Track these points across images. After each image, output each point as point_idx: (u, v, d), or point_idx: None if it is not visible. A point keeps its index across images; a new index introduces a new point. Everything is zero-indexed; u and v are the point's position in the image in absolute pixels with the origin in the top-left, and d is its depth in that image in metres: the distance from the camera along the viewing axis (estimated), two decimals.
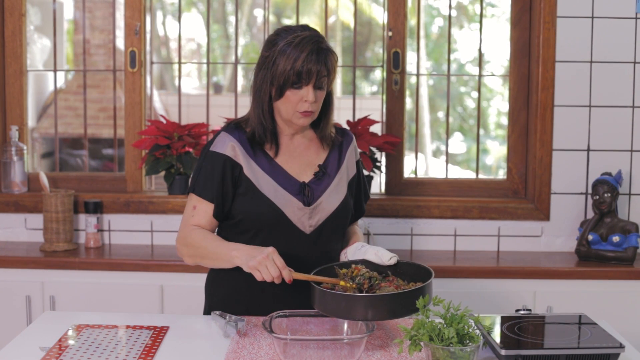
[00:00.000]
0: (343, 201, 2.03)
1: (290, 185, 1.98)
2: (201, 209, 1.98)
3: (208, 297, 2.11)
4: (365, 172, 3.07)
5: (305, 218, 1.97)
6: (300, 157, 2.03)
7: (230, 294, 2.03)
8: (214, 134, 2.06)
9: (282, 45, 1.90)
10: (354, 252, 1.97)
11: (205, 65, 4.26)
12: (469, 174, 7.32)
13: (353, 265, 1.88)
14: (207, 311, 2.10)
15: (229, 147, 1.97)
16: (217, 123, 3.15)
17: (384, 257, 1.89)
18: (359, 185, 2.14)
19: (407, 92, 3.17)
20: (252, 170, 1.97)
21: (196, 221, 1.98)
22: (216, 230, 2.05)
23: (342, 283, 1.80)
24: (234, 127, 2.01)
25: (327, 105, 2.02)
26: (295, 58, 1.88)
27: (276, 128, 2.01)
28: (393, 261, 1.89)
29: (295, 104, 1.92)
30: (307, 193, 1.98)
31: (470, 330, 1.51)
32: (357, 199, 2.14)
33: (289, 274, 1.78)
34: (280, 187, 1.96)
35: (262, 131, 1.98)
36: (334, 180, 2.03)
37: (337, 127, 2.15)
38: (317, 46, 1.90)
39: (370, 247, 1.94)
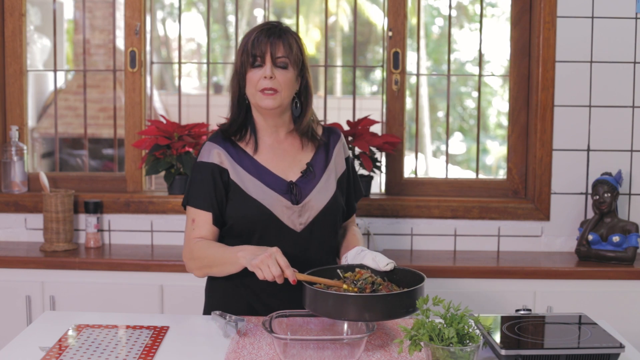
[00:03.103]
0: (332, 198, 2.03)
1: (277, 185, 1.99)
2: (201, 220, 1.99)
3: (208, 298, 2.11)
4: (365, 172, 3.07)
5: (295, 216, 1.98)
6: (285, 156, 2.04)
7: (229, 295, 2.03)
8: (202, 142, 2.08)
9: (244, 35, 2.01)
10: (353, 256, 1.98)
11: (205, 65, 4.26)
12: (469, 174, 7.32)
13: (357, 269, 1.89)
14: (207, 312, 2.10)
15: (214, 154, 1.99)
16: (217, 123, 3.15)
17: (380, 262, 1.90)
18: (349, 182, 2.14)
19: (407, 92, 3.17)
20: (238, 174, 1.98)
21: (198, 233, 1.99)
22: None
23: (344, 286, 1.80)
24: (218, 134, 2.05)
25: (305, 99, 2.04)
26: (248, 38, 1.97)
27: (254, 124, 2.04)
28: (389, 267, 1.89)
29: (256, 84, 1.95)
30: (294, 192, 1.99)
31: (470, 330, 1.51)
32: (348, 196, 2.14)
33: (292, 274, 1.78)
34: (268, 188, 1.98)
35: (233, 122, 2.02)
36: (322, 177, 2.04)
37: (324, 126, 2.16)
38: (269, 26, 1.97)
39: (369, 252, 1.95)
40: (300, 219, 1.99)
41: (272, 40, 1.94)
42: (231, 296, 2.03)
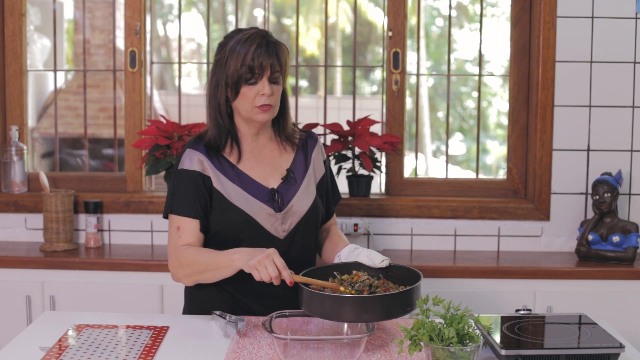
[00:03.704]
0: (313, 203, 2.04)
1: (259, 192, 1.98)
2: (186, 228, 1.97)
3: (188, 302, 2.11)
4: (365, 172, 3.07)
5: (278, 224, 1.98)
6: (265, 162, 2.03)
7: (211, 299, 2.03)
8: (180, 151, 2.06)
9: (232, 44, 1.94)
10: (347, 254, 1.98)
11: (205, 65, 4.26)
12: (469, 174, 7.32)
13: (354, 272, 1.89)
14: (186, 312, 2.10)
15: (196, 161, 1.98)
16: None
17: (375, 259, 1.90)
18: (328, 185, 2.14)
19: (407, 92, 3.17)
20: (221, 182, 1.97)
21: (184, 241, 1.97)
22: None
23: (342, 289, 1.80)
24: (197, 141, 2.02)
25: (283, 103, 2.04)
26: (245, 53, 1.91)
27: (236, 132, 2.02)
28: (385, 264, 1.89)
29: (252, 100, 1.93)
30: (277, 199, 1.99)
31: (470, 330, 1.51)
32: (327, 200, 2.14)
33: (289, 276, 1.78)
34: (250, 196, 1.97)
35: (218, 133, 1.99)
36: (303, 183, 2.04)
37: (302, 129, 2.16)
38: (265, 40, 1.93)
39: (363, 250, 1.95)
40: (283, 226, 1.99)
41: (270, 55, 1.92)
42: (213, 301, 2.02)
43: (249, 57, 1.91)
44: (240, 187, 1.97)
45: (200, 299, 2.05)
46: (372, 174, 3.08)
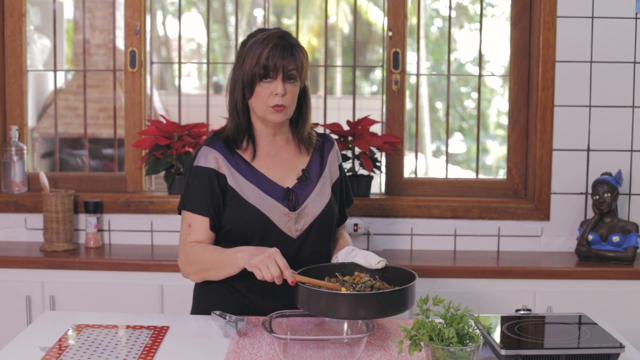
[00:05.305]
0: (328, 204, 2.04)
1: (274, 191, 1.99)
2: (197, 225, 1.98)
3: (196, 301, 2.12)
4: (365, 172, 3.07)
5: (292, 223, 1.98)
6: (281, 162, 2.04)
7: (219, 298, 2.03)
8: (198, 147, 2.07)
9: (251, 43, 1.96)
10: (344, 255, 1.99)
11: (205, 65, 4.26)
12: (469, 174, 7.32)
13: (356, 273, 1.90)
14: (194, 312, 2.11)
15: (211, 159, 1.99)
16: (217, 123, 3.15)
17: (372, 261, 1.91)
18: (342, 189, 2.15)
19: (407, 92, 3.17)
20: (236, 180, 1.98)
21: (194, 238, 1.98)
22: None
23: (343, 289, 1.80)
24: (214, 139, 2.04)
25: (304, 105, 2.05)
26: (261, 52, 1.93)
27: (253, 131, 2.03)
28: (381, 265, 1.90)
29: (266, 99, 1.95)
30: (291, 198, 1.99)
31: (470, 330, 1.51)
32: (340, 204, 2.15)
33: (291, 275, 1.78)
34: (265, 194, 1.98)
35: (236, 129, 2.01)
36: (318, 184, 2.05)
37: (318, 132, 2.16)
38: (282, 40, 1.95)
39: (359, 251, 1.96)
40: (296, 226, 1.99)
41: (285, 56, 1.92)
42: (221, 299, 2.02)
43: (264, 56, 1.92)
44: (255, 185, 1.98)
45: (210, 298, 2.05)
46: (372, 174, 3.08)
